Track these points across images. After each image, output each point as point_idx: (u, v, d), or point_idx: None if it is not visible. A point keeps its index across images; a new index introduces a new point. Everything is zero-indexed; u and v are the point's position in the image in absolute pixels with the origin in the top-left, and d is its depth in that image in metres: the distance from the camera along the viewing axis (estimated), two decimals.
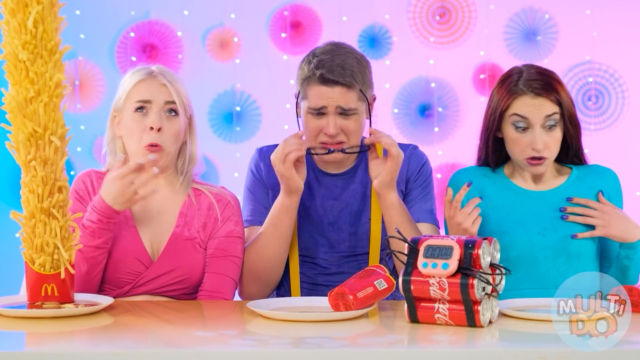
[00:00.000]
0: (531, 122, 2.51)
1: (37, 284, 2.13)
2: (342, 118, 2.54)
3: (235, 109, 4.49)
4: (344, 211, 2.66)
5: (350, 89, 2.53)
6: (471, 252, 1.96)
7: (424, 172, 2.72)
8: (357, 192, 2.67)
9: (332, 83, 2.52)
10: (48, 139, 2.13)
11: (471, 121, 4.43)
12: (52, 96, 2.14)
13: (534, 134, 2.51)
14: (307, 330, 1.89)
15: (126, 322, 2.09)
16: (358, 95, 2.55)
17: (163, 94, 2.47)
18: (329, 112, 2.53)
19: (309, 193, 2.66)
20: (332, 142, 2.55)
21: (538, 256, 2.54)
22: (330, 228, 2.65)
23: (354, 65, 2.55)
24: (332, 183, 2.68)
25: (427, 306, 1.99)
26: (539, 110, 2.51)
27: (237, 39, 4.50)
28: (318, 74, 2.53)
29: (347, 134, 2.56)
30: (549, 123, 2.51)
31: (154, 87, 2.48)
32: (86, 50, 4.44)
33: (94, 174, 2.53)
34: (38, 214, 2.13)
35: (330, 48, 2.60)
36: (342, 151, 2.55)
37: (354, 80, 2.53)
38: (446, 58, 4.49)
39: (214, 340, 1.90)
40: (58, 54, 2.15)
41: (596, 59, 4.46)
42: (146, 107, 2.46)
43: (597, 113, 4.46)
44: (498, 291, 2.02)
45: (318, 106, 2.53)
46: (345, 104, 2.52)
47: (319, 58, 2.56)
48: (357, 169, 2.69)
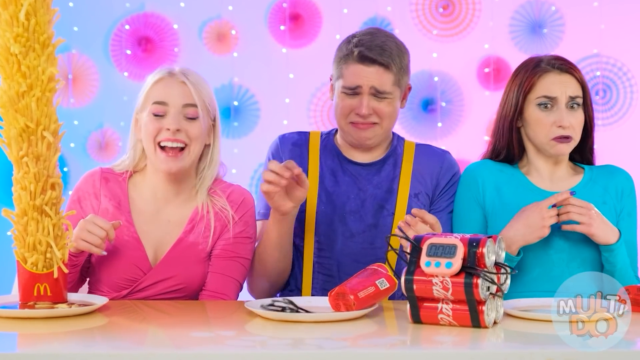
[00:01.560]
0: (557, 100, 2.54)
1: (29, 283, 2.13)
2: (375, 100, 2.58)
3: (233, 104, 4.48)
4: (367, 201, 2.67)
5: (386, 70, 2.57)
6: (475, 250, 1.95)
7: (454, 183, 2.72)
8: (383, 185, 2.68)
9: (369, 61, 2.56)
10: (41, 134, 2.13)
11: (475, 116, 4.44)
12: (44, 90, 2.13)
13: (560, 110, 2.54)
14: (307, 331, 1.89)
15: (121, 323, 2.09)
16: (394, 79, 2.58)
17: (181, 96, 2.42)
18: (363, 92, 2.57)
19: (333, 180, 2.68)
20: (363, 122, 2.59)
21: (553, 259, 2.54)
22: (352, 217, 2.66)
23: (392, 49, 2.59)
24: (357, 172, 2.70)
25: (430, 306, 1.99)
26: (565, 87, 2.55)
27: (235, 31, 4.49)
28: (357, 52, 2.57)
29: (380, 116, 2.60)
30: (573, 103, 2.55)
31: (172, 86, 2.44)
32: (80, 43, 4.44)
33: (100, 177, 2.49)
34: (30, 212, 2.13)
35: (371, 30, 2.66)
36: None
37: (391, 62, 2.57)
38: (450, 51, 4.49)
39: (211, 341, 1.90)
40: (51, 47, 2.15)
41: (604, 52, 4.46)
42: (163, 110, 2.42)
43: (605, 108, 4.46)
44: (503, 291, 2.02)
45: (353, 85, 2.57)
46: (380, 86, 2.56)
47: (359, 38, 2.60)
48: (385, 163, 2.71)
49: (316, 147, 2.75)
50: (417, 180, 2.69)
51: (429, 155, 2.74)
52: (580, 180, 2.61)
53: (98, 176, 2.49)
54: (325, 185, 2.67)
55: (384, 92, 2.58)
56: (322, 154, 2.73)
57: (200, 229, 2.47)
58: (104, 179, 2.48)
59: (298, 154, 2.72)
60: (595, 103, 4.40)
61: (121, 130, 4.46)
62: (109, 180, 2.47)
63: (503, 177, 2.62)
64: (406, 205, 2.65)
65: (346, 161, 2.71)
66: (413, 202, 2.67)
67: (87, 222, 2.30)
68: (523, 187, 2.60)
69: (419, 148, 2.75)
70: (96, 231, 2.29)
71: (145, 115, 2.44)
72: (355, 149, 2.70)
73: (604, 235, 2.47)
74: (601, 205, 2.56)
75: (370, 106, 2.58)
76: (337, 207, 2.67)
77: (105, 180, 2.47)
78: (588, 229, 2.46)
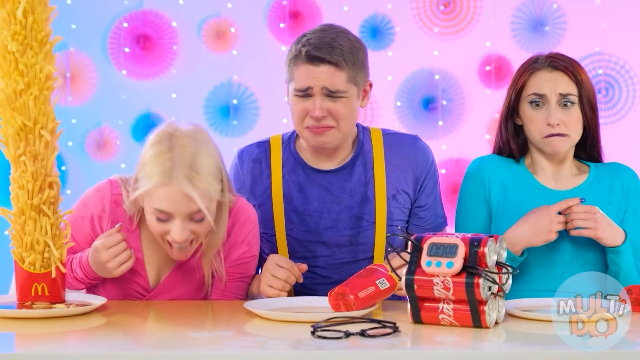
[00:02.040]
0: (547, 98, 2.53)
1: (27, 283, 2.13)
2: (330, 100, 2.44)
3: (232, 102, 4.48)
4: (343, 213, 2.56)
5: (337, 68, 2.42)
6: (477, 250, 1.95)
7: (433, 170, 2.63)
8: (356, 191, 2.56)
9: (318, 61, 2.42)
10: (38, 133, 2.13)
11: (477, 115, 4.43)
12: (42, 89, 2.13)
13: (550, 108, 2.52)
14: (307, 332, 1.89)
15: (119, 323, 2.09)
16: (347, 76, 2.44)
17: (187, 206, 2.21)
18: (315, 93, 2.44)
19: (302, 197, 2.57)
20: (319, 126, 2.45)
21: (555, 259, 2.54)
22: (329, 232, 2.56)
23: (344, 45, 2.45)
24: (326, 181, 2.57)
25: (431, 306, 1.99)
26: (555, 84, 2.53)
27: (234, 29, 4.49)
28: (304, 51, 2.43)
29: (336, 118, 2.45)
30: (565, 101, 2.53)
31: (175, 199, 2.21)
32: (78, 41, 4.44)
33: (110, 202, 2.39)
34: (28, 211, 2.13)
35: (321, 27, 2.51)
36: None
37: (342, 59, 2.42)
38: (451, 49, 4.49)
39: (210, 341, 1.90)
40: (48, 45, 2.14)
41: (606, 50, 4.46)
42: (167, 216, 2.25)
43: (608, 106, 4.46)
44: (505, 291, 2.02)
45: (304, 87, 2.44)
46: (332, 85, 2.42)
47: (308, 37, 2.47)
48: (354, 165, 2.58)
49: (278, 159, 2.60)
50: (392, 179, 2.57)
51: (399, 146, 2.61)
52: (585, 179, 2.60)
53: (108, 200, 2.39)
54: (295, 205, 2.55)
55: (337, 91, 2.43)
56: (285, 166, 2.59)
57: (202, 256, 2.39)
58: (114, 203, 2.38)
59: (258, 172, 2.60)
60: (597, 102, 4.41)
61: (119, 129, 4.46)
62: (118, 204, 2.39)
63: (509, 173, 2.61)
64: (385, 211, 2.55)
65: (312, 171, 2.57)
66: (392, 205, 2.56)
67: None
68: (528, 185, 2.59)
69: (387, 138, 2.62)
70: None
71: (147, 207, 2.28)
72: (318, 154, 2.57)
73: (610, 238, 2.46)
74: (606, 205, 2.55)
75: (324, 107, 2.43)
76: (311, 227, 2.56)
77: (115, 204, 2.38)
78: (594, 233, 2.45)
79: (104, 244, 2.25)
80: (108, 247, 2.25)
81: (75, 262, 2.33)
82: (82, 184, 4.43)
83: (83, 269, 2.31)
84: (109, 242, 2.25)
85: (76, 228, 2.37)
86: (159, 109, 4.46)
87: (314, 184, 2.57)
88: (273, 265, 2.36)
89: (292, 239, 2.57)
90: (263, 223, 2.56)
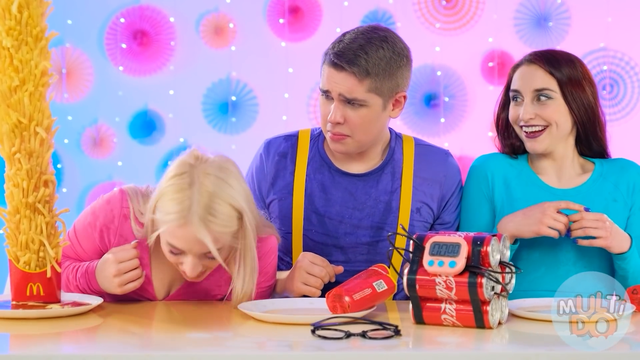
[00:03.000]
0: (521, 93, 2.54)
1: (21, 283, 2.13)
2: (349, 108, 2.41)
3: (230, 99, 4.48)
4: (364, 221, 2.52)
5: (356, 79, 2.38)
6: (480, 249, 1.95)
7: (459, 189, 2.61)
8: (381, 200, 2.52)
9: (338, 68, 2.39)
10: (33, 130, 2.12)
11: (479, 112, 4.43)
12: (37, 85, 2.13)
13: (525, 104, 2.52)
14: (306, 333, 1.88)
15: (116, 324, 2.09)
16: (369, 87, 2.40)
17: (199, 247, 2.17)
18: (333, 98, 2.42)
19: (324, 197, 2.53)
20: (334, 132, 2.44)
21: (559, 257, 2.53)
22: (347, 238, 2.52)
23: (371, 55, 2.39)
24: (352, 185, 2.53)
25: (433, 306, 1.99)
26: (530, 79, 2.52)
27: (233, 24, 4.49)
28: (331, 54, 2.41)
29: (351, 127, 2.42)
30: (540, 95, 2.52)
31: (189, 238, 2.17)
32: (74, 36, 4.43)
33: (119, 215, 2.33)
34: (23, 210, 2.13)
35: (363, 29, 2.46)
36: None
37: (363, 70, 2.38)
38: (453, 45, 4.48)
39: (208, 342, 1.90)
40: (44, 40, 2.14)
41: (611, 46, 4.45)
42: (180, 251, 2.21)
43: (612, 103, 4.45)
44: (508, 290, 2.02)
45: (324, 88, 2.43)
46: (348, 93, 2.39)
47: (342, 38, 2.44)
48: (383, 172, 2.55)
49: (304, 155, 2.57)
50: (419, 192, 2.54)
51: (430, 160, 2.58)
52: (589, 177, 2.59)
53: (118, 213, 2.33)
54: (316, 206, 2.52)
55: (355, 99, 2.39)
56: (310, 164, 2.56)
57: (216, 278, 2.36)
58: (122, 217, 2.33)
59: (282, 166, 2.56)
60: (602, 98, 4.39)
61: (116, 126, 4.45)
62: (127, 218, 2.33)
63: (512, 171, 2.60)
64: (408, 224, 2.51)
65: (338, 173, 2.54)
66: (415, 218, 2.53)
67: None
68: (531, 184, 2.58)
69: (418, 149, 2.59)
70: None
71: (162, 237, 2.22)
72: (347, 157, 2.53)
73: (618, 245, 2.45)
74: (611, 203, 2.55)
75: (341, 114, 2.41)
76: (329, 230, 2.52)
77: (124, 218, 2.33)
78: (606, 242, 2.43)
79: (117, 257, 2.22)
80: (120, 262, 2.22)
81: (81, 271, 2.30)
82: (79, 182, 4.43)
83: (87, 279, 2.28)
84: (122, 257, 2.22)
85: (84, 236, 2.35)
86: (157, 106, 4.46)
87: (339, 187, 2.54)
88: (308, 263, 2.35)
89: (309, 240, 2.53)
90: (281, 219, 2.54)
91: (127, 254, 2.23)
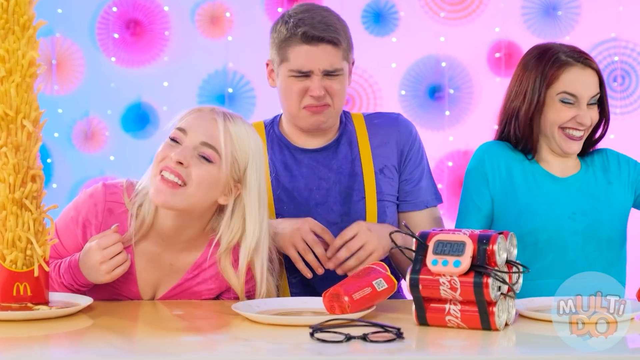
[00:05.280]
0: (579, 98, 2.57)
1: (8, 282, 2.12)
2: (327, 79, 2.53)
3: (227, 91, 4.48)
4: (332, 189, 2.62)
5: (335, 47, 2.52)
6: (485, 248, 1.94)
7: (417, 143, 2.70)
8: (343, 168, 2.64)
9: (317, 40, 2.51)
10: (20, 123, 2.12)
11: (485, 104, 4.42)
12: (24, 76, 2.12)
13: (581, 108, 2.57)
14: (304, 335, 1.87)
15: (107, 325, 2.08)
16: (343, 54, 2.55)
17: (205, 130, 2.25)
18: (314, 75, 2.52)
19: (289, 175, 2.64)
20: (318, 104, 2.54)
21: (567, 242, 2.57)
22: (319, 209, 2.61)
23: (336, 22, 2.55)
24: (313, 160, 2.65)
25: (437, 307, 1.98)
26: (588, 85, 2.58)
27: (230, 14, 4.48)
28: (300, 32, 2.51)
29: (332, 96, 2.55)
30: (593, 100, 2.59)
31: (201, 119, 2.26)
32: (64, 26, 4.43)
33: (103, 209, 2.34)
34: (9, 206, 2.12)
35: (305, 7, 2.59)
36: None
37: (338, 36, 2.53)
38: (458, 35, 4.48)
39: (202, 346, 1.89)
40: (32, 29, 2.13)
41: (622, 36, 4.44)
42: (180, 138, 2.26)
43: (624, 95, 4.45)
44: (515, 290, 2.01)
45: (304, 69, 2.52)
46: (331, 65, 2.52)
47: (298, 17, 2.54)
48: (339, 144, 2.66)
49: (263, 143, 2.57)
50: (378, 154, 2.66)
51: (381, 123, 2.71)
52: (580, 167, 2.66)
53: (102, 207, 2.34)
54: (282, 183, 2.62)
55: (336, 69, 2.53)
56: (270, 148, 2.66)
57: (205, 278, 2.36)
58: (107, 211, 2.34)
59: None
60: (613, 90, 4.40)
61: (108, 119, 4.45)
62: (112, 212, 2.34)
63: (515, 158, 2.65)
64: (374, 185, 2.62)
65: (298, 150, 2.65)
66: (380, 179, 2.64)
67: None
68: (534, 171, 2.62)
69: (368, 118, 2.72)
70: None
71: (165, 141, 2.30)
72: (305, 135, 2.65)
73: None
74: (607, 186, 2.62)
75: (322, 87, 2.53)
76: (301, 204, 2.61)
77: (109, 212, 2.34)
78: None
79: (100, 244, 2.22)
80: (103, 248, 2.22)
81: (64, 266, 2.30)
82: (69, 177, 4.42)
83: (72, 274, 2.28)
84: (105, 242, 2.22)
85: (66, 233, 2.35)
86: (150, 98, 4.45)
87: (301, 164, 2.64)
88: (306, 229, 2.46)
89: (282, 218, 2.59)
90: None
91: (110, 239, 2.23)
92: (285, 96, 2.58)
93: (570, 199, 2.60)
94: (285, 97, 2.58)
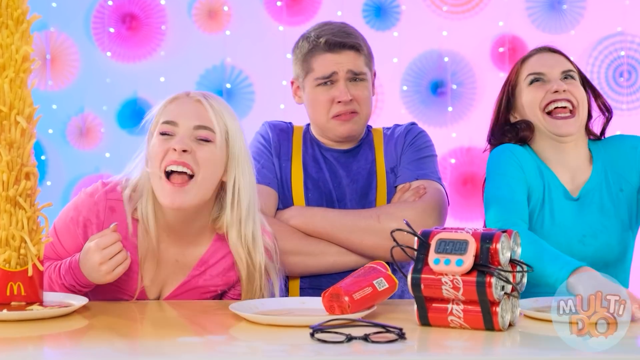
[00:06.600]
0: (547, 74, 2.59)
1: (1, 282, 2.12)
2: (353, 85, 2.69)
3: (225, 86, 4.47)
4: (350, 187, 2.77)
5: (357, 52, 2.69)
6: (489, 246, 1.94)
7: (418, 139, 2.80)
8: (363, 169, 2.78)
9: (339, 47, 2.67)
10: (14, 119, 2.12)
11: (488, 100, 4.40)
12: (18, 71, 2.12)
13: (554, 81, 2.57)
14: (303, 336, 1.87)
15: (102, 326, 2.08)
16: (365, 60, 2.71)
17: (194, 115, 2.32)
18: (340, 79, 2.68)
19: (317, 167, 2.79)
20: (347, 111, 2.68)
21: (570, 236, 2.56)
22: (338, 204, 2.75)
23: (355, 31, 2.73)
24: (336, 158, 2.79)
25: (440, 307, 1.98)
26: (552, 62, 2.60)
27: (228, 7, 4.48)
28: (323, 41, 2.68)
29: (359, 102, 2.70)
30: (567, 75, 2.59)
31: (185, 105, 2.35)
32: (58, 20, 4.43)
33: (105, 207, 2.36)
34: (2, 204, 2.12)
35: (324, 22, 2.77)
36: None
37: (359, 42, 2.69)
38: (461, 29, 4.48)
39: (200, 347, 1.89)
40: (25, 23, 2.13)
41: (628, 31, 4.44)
42: (172, 130, 2.31)
43: (630, 90, 4.44)
44: (519, 290, 2.01)
45: (327, 73, 2.67)
46: (356, 67, 2.67)
47: (318, 31, 2.72)
48: (361, 148, 2.81)
49: (299, 135, 2.84)
50: (389, 157, 2.80)
51: (395, 133, 2.84)
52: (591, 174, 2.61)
53: (103, 206, 2.36)
54: (309, 172, 2.77)
55: (361, 72, 2.69)
56: (304, 142, 2.83)
57: (212, 275, 2.40)
58: (109, 209, 2.36)
59: (285, 138, 2.82)
60: (619, 85, 4.40)
61: (103, 115, 4.45)
62: (114, 210, 2.36)
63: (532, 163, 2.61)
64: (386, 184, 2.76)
65: (324, 148, 2.80)
66: (390, 177, 2.77)
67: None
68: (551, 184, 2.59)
69: (386, 130, 2.87)
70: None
71: (154, 137, 2.33)
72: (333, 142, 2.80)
73: None
74: (618, 194, 2.59)
75: (348, 91, 2.67)
76: (323, 193, 2.76)
77: (110, 210, 2.36)
78: None
79: (98, 244, 2.22)
80: (103, 248, 2.22)
81: (64, 267, 2.30)
82: (64, 174, 4.42)
83: (73, 274, 2.28)
84: (104, 242, 2.22)
85: (66, 234, 2.35)
86: (146, 94, 4.45)
87: (327, 160, 2.79)
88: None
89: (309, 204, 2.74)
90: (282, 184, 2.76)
91: (109, 239, 2.23)
92: (313, 108, 2.72)
93: (581, 219, 2.56)
94: (313, 109, 2.73)
